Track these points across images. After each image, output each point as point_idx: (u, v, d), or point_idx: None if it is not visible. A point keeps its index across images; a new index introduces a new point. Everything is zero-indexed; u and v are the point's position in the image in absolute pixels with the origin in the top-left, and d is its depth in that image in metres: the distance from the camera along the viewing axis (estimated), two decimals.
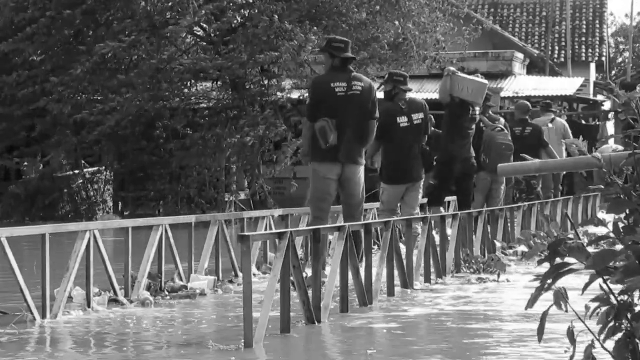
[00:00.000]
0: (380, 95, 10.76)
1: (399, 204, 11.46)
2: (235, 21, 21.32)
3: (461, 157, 12.19)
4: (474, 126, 12.52)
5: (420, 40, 21.56)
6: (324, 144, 9.75)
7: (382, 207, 11.39)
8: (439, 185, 12.18)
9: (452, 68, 12.82)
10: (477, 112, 12.55)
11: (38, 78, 21.16)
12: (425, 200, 12.42)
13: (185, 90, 21.92)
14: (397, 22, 20.97)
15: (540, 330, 3.10)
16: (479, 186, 13.45)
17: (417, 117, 11.13)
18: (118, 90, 20.72)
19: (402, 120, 11.08)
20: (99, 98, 21.42)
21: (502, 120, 14.48)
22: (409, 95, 11.43)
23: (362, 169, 10.09)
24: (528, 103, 16.71)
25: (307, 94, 21.70)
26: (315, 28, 20.27)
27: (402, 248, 9.52)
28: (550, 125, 16.80)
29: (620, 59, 53.09)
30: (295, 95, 21.86)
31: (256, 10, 20.45)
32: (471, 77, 12.77)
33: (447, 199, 14.04)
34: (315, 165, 9.93)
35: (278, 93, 21.51)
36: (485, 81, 12.78)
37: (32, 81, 21.17)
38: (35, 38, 21.11)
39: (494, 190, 13.73)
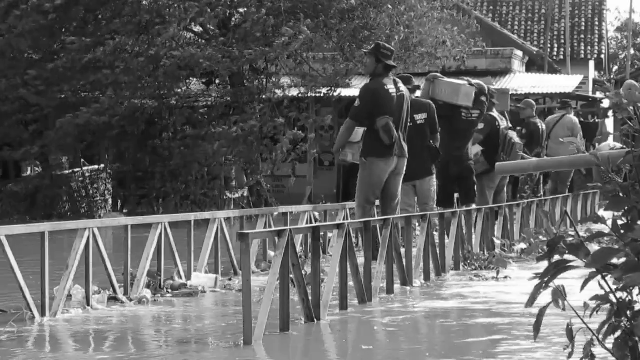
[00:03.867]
0: None
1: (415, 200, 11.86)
2: (233, 19, 21.28)
3: (455, 159, 12.37)
4: (473, 128, 12.75)
5: (417, 39, 21.51)
6: (389, 140, 10.60)
7: (400, 205, 11.71)
8: (442, 186, 12.35)
9: (436, 74, 13.15)
10: (475, 115, 12.74)
11: (22, 73, 21.05)
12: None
13: (184, 88, 21.88)
14: (388, 13, 20.91)
15: (537, 327, 3.10)
16: (493, 184, 13.68)
17: (421, 117, 11.59)
18: (102, 88, 20.54)
19: None
20: (82, 95, 21.31)
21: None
22: (414, 95, 11.85)
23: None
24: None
25: (305, 92, 21.77)
26: (308, 20, 20.26)
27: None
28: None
29: (623, 55, 53.05)
30: (293, 92, 21.85)
31: (247, 9, 20.40)
32: (452, 80, 13.05)
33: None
34: (375, 161, 10.74)
35: (276, 91, 21.51)
36: (464, 82, 12.94)
37: (14, 75, 21.05)
38: (28, 36, 21.01)
39: (502, 186, 13.99)
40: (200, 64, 19.86)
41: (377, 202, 11.29)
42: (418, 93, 12.43)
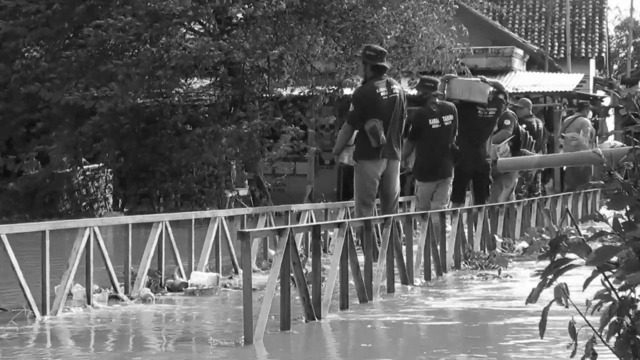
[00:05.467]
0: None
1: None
2: (236, 17, 21.28)
3: (472, 157, 12.46)
4: (490, 126, 12.96)
5: (418, 39, 21.48)
6: (376, 143, 10.70)
7: (418, 205, 12.15)
8: (455, 182, 12.47)
9: (451, 74, 13.36)
10: (491, 113, 12.88)
11: (33, 67, 21.03)
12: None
13: (184, 87, 21.87)
14: (385, 10, 20.94)
15: (542, 326, 3.10)
16: (510, 183, 13.91)
17: (448, 119, 11.92)
18: (114, 77, 20.56)
19: (434, 122, 11.88)
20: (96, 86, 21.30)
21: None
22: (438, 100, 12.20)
23: (399, 165, 11.07)
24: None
25: (308, 91, 21.79)
26: (323, 25, 20.33)
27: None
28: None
29: (623, 54, 53.04)
30: (296, 91, 21.83)
31: (255, 8, 20.41)
32: (465, 78, 13.24)
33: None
34: (363, 163, 10.89)
35: (280, 90, 21.53)
36: (477, 79, 13.16)
37: (25, 69, 21.03)
38: (34, 27, 20.96)
39: (514, 185, 14.40)
40: (212, 57, 19.83)
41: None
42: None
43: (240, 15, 21.15)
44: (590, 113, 19.46)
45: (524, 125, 15.16)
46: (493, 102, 12.96)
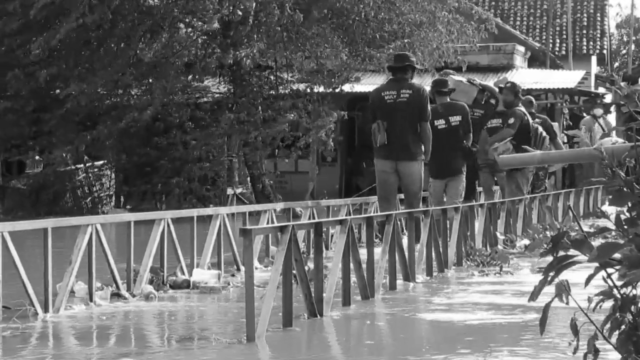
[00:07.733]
0: None
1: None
2: (238, 14, 21.29)
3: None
4: (475, 127, 13.19)
5: (423, 34, 21.47)
6: (374, 143, 11.37)
7: (430, 200, 12.62)
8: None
9: (448, 70, 13.58)
10: (477, 115, 13.25)
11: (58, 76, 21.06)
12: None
13: (190, 85, 21.90)
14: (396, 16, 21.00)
15: (543, 323, 3.10)
16: (526, 179, 14.04)
17: (455, 119, 12.37)
18: (137, 84, 20.76)
19: (440, 123, 12.31)
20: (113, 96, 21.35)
21: None
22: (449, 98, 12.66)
23: (416, 164, 11.42)
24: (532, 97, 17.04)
25: (316, 88, 21.89)
26: (335, 26, 20.49)
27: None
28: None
29: (624, 51, 53.02)
30: (301, 87, 21.84)
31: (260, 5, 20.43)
32: (454, 77, 13.50)
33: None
34: (375, 161, 11.56)
35: (287, 85, 21.61)
36: (461, 79, 13.41)
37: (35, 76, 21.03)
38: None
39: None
40: (217, 55, 19.95)
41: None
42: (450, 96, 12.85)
43: (240, 13, 21.15)
44: (599, 110, 19.54)
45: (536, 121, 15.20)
46: (484, 105, 13.41)
